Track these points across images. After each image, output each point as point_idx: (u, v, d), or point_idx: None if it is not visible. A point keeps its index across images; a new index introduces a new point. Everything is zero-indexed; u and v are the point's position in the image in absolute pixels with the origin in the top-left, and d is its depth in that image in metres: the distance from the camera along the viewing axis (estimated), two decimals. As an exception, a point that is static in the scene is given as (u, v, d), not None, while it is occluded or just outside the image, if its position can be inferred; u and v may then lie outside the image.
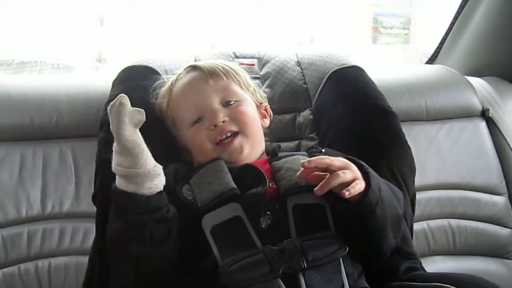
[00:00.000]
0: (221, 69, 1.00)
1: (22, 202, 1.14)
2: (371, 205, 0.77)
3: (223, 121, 0.92)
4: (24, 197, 1.15)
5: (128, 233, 0.76)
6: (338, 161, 0.77)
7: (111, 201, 0.79)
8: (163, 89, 1.03)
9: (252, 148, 0.94)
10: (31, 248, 1.13)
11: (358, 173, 0.78)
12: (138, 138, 0.75)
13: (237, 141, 0.92)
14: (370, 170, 0.80)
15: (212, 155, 0.92)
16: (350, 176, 0.76)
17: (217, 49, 1.29)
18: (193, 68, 1.01)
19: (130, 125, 0.74)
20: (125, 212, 0.75)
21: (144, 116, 0.75)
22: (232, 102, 0.96)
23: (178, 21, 1.63)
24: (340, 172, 0.75)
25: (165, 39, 1.64)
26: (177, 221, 0.79)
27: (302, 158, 0.89)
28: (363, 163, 0.81)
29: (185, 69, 1.03)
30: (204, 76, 0.98)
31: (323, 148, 1.00)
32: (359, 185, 0.76)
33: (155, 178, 0.75)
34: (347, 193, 0.73)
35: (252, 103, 1.01)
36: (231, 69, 1.02)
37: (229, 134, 0.93)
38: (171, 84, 1.01)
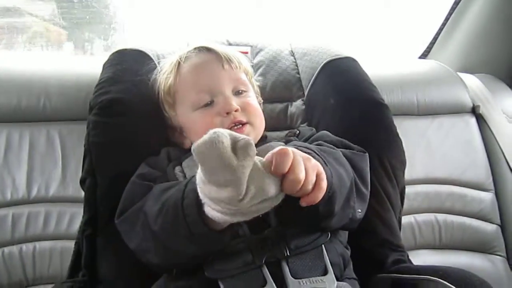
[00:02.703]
0: (235, 56, 0.99)
1: (7, 184, 1.13)
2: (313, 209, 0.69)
3: (236, 110, 0.92)
4: (10, 179, 1.13)
5: (198, 257, 0.73)
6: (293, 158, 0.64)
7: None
8: (169, 65, 1.01)
9: (256, 137, 0.95)
10: (15, 231, 1.11)
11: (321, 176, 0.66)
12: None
13: (246, 129, 0.93)
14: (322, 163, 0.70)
15: None
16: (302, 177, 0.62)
17: (211, 35, 1.27)
18: (207, 49, 0.99)
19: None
20: (210, 247, 0.71)
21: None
22: (242, 92, 0.97)
23: (172, 10, 1.61)
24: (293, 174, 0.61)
25: (158, 26, 1.62)
26: None
27: (275, 145, 0.89)
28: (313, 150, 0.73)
29: (195, 48, 1.00)
30: (220, 60, 0.97)
31: (297, 130, 1.02)
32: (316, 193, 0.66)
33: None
34: (303, 204, 0.65)
35: (255, 94, 1.02)
36: (241, 57, 1.02)
37: (238, 123, 0.92)
38: (180, 59, 0.99)
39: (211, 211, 0.61)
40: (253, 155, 0.56)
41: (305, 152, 0.67)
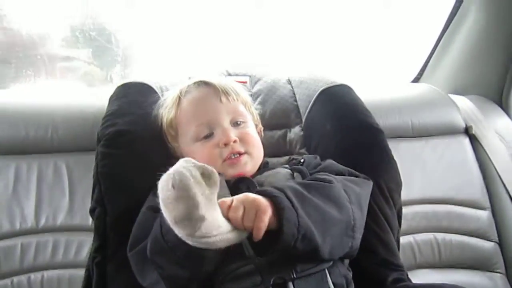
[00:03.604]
0: (232, 88, 1.03)
1: (16, 215, 1.15)
2: (287, 246, 0.74)
3: (234, 141, 0.96)
4: (18, 210, 1.16)
5: (192, 280, 0.76)
6: (227, 202, 0.73)
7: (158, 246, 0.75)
8: (170, 99, 1.05)
9: (254, 166, 0.99)
10: (24, 260, 1.13)
11: (261, 204, 0.73)
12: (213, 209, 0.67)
13: (243, 159, 0.96)
14: (285, 204, 0.74)
15: (217, 170, 0.94)
16: (240, 213, 0.71)
17: (210, 67, 1.32)
18: (205, 83, 1.04)
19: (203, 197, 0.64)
20: (197, 268, 0.74)
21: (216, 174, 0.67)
22: (240, 123, 1.00)
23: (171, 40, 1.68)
24: (231, 213, 0.71)
25: (159, 56, 1.69)
26: None
27: (283, 172, 0.95)
28: (276, 194, 0.75)
29: (194, 82, 1.05)
30: (218, 94, 1.01)
31: (302, 158, 1.04)
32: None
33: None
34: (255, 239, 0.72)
35: (253, 124, 1.06)
36: (239, 89, 1.06)
37: (236, 154, 0.96)
38: (180, 94, 1.03)
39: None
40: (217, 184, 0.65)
41: (273, 195, 0.74)
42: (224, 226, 0.68)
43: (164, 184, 0.63)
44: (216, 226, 0.66)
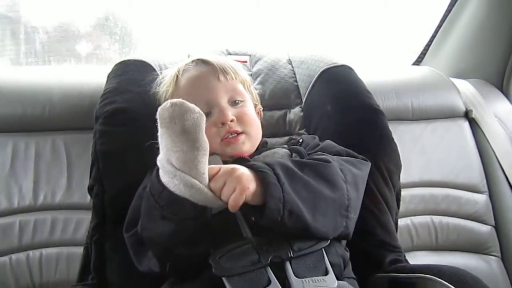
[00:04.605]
0: (230, 67, 1.02)
1: (14, 192, 1.15)
2: (274, 221, 0.74)
3: (231, 120, 0.95)
4: (16, 188, 1.16)
5: (175, 236, 0.74)
6: (214, 169, 0.74)
7: (145, 201, 0.78)
8: (168, 77, 1.04)
9: (252, 146, 0.98)
10: (22, 238, 1.14)
11: (243, 179, 0.72)
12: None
13: (241, 138, 0.95)
14: (271, 180, 0.74)
15: (215, 150, 0.94)
16: (220, 184, 0.72)
17: (210, 45, 1.30)
18: (203, 62, 1.02)
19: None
20: (175, 216, 0.73)
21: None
22: (238, 102, 0.99)
23: (171, 18, 1.66)
24: (212, 183, 0.72)
25: (158, 35, 1.67)
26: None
27: (281, 152, 0.94)
28: (263, 170, 0.75)
29: (193, 61, 1.03)
30: (216, 72, 0.99)
31: (300, 138, 1.04)
32: (234, 191, 0.71)
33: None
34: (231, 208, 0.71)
35: (252, 104, 1.04)
36: (237, 68, 1.05)
37: (234, 133, 0.95)
38: (178, 72, 1.02)
39: (162, 174, 0.71)
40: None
41: (260, 170, 0.75)
42: (206, 181, 0.71)
43: (164, 107, 0.70)
44: (200, 172, 0.70)
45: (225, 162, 0.90)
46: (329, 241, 0.81)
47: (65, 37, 1.70)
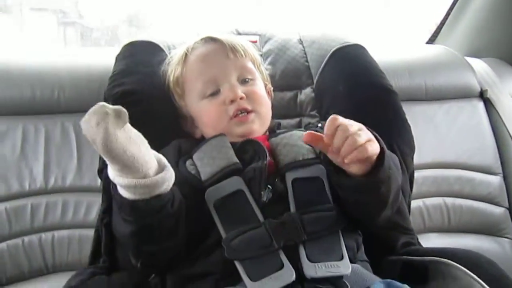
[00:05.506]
0: (240, 44, 1.00)
1: (25, 175, 1.15)
2: (378, 182, 0.75)
3: (241, 98, 0.93)
4: (27, 171, 1.15)
5: (137, 236, 0.74)
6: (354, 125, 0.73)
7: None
8: (177, 56, 1.02)
9: (262, 125, 0.96)
10: (34, 220, 1.14)
11: (372, 136, 0.74)
12: (134, 144, 0.64)
13: (251, 117, 0.93)
14: (384, 145, 0.76)
15: (224, 129, 0.92)
16: (364, 138, 0.71)
17: (220, 25, 1.28)
18: (212, 39, 1.00)
19: (120, 132, 0.62)
20: (129, 218, 0.72)
21: (125, 111, 0.63)
22: (247, 80, 0.97)
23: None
24: (356, 136, 0.70)
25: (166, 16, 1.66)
26: (183, 207, 0.77)
27: (299, 134, 0.91)
28: (376, 135, 0.76)
29: (202, 38, 1.01)
30: (225, 50, 0.97)
31: (319, 123, 1.02)
32: (373, 147, 0.72)
33: (164, 183, 0.69)
34: (345, 161, 0.71)
35: (262, 83, 1.02)
36: (247, 45, 1.03)
37: (243, 111, 0.93)
38: (187, 51, 1.00)
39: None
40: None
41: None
42: (153, 168, 0.67)
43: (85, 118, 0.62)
44: (142, 162, 0.64)
45: (232, 144, 0.90)
46: (345, 222, 0.80)
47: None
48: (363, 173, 0.75)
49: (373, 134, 0.75)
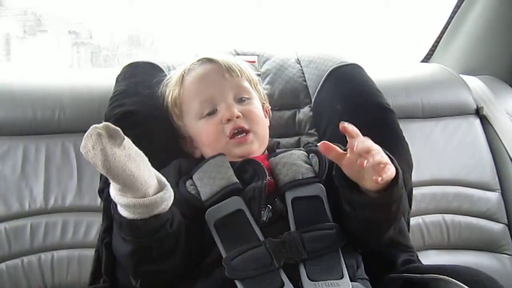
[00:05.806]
0: (236, 65, 1.01)
1: (25, 195, 1.16)
2: (390, 200, 0.76)
3: (237, 116, 0.94)
4: (27, 190, 1.16)
5: (136, 255, 0.75)
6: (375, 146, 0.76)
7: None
8: (175, 77, 1.04)
9: (260, 145, 0.97)
10: (34, 241, 1.14)
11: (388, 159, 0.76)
12: (133, 162, 0.65)
13: (250, 138, 0.95)
14: (397, 164, 0.77)
15: (223, 148, 0.93)
16: (386, 158, 0.74)
17: (218, 46, 1.30)
18: (209, 60, 1.02)
19: (118, 150, 0.63)
20: (128, 237, 0.72)
21: (120, 130, 0.65)
22: (244, 99, 0.98)
23: (178, 19, 1.68)
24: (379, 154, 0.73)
25: (166, 36, 1.68)
26: (183, 227, 0.77)
27: (298, 153, 0.93)
28: (390, 155, 0.78)
29: (198, 60, 1.03)
30: (221, 70, 0.99)
31: (318, 143, 1.02)
32: (391, 171, 0.74)
33: (162, 203, 0.70)
34: (379, 178, 0.71)
35: (259, 102, 1.03)
36: (243, 66, 1.04)
37: (241, 130, 0.94)
38: (184, 72, 1.02)
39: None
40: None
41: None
42: (153, 188, 0.68)
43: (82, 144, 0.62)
44: (141, 181, 0.65)
45: (232, 163, 0.90)
46: (345, 240, 0.81)
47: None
48: (377, 189, 0.75)
49: (387, 154, 0.77)
